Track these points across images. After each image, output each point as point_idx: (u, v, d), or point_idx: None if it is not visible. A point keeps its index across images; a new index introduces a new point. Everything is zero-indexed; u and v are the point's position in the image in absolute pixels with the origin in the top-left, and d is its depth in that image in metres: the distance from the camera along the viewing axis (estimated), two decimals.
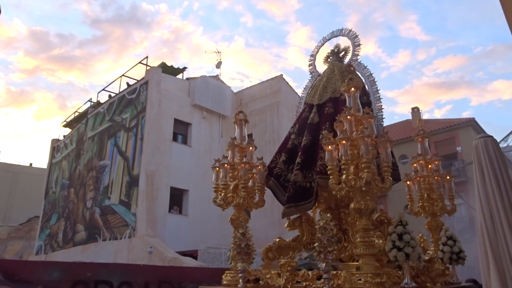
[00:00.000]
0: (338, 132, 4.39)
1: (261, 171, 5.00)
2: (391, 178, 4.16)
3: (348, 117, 4.33)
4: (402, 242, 3.89)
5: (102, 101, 21.51)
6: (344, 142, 4.19)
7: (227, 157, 4.98)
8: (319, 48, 5.99)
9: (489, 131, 22.62)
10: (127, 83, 19.94)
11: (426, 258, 4.51)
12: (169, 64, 20.16)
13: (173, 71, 20.24)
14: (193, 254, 15.46)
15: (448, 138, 23.62)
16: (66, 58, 65.39)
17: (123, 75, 20.02)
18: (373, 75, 5.43)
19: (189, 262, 13.91)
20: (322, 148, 4.59)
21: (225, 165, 4.88)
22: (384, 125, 5.22)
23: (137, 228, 17.08)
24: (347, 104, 4.53)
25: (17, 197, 27.73)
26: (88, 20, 67.59)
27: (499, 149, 2.64)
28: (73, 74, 69.24)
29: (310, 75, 5.95)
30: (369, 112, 4.41)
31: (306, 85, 5.97)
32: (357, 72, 5.53)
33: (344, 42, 5.94)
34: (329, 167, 4.28)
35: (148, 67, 18.99)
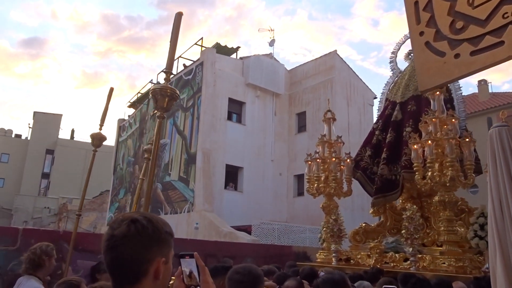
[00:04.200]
0: (422, 132, 5.11)
1: (349, 164, 5.85)
2: (474, 175, 4.88)
3: (433, 119, 5.03)
4: (484, 232, 4.64)
5: (162, 82, 22.87)
6: (429, 142, 4.92)
7: (318, 152, 5.85)
8: (401, 45, 6.58)
9: None
10: (184, 65, 21.09)
11: None
12: (223, 44, 21.01)
13: (227, 51, 21.08)
14: (247, 229, 16.61)
15: None
16: (135, 40, 68.50)
17: (180, 56, 21.12)
18: None
19: (243, 236, 15.00)
20: (406, 144, 5.34)
21: (317, 159, 5.75)
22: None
23: (195, 203, 18.59)
24: (431, 107, 5.21)
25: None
26: (155, 1, 69.58)
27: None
28: (142, 54, 72.35)
29: (392, 72, 6.59)
30: (453, 114, 5.08)
31: (387, 81, 6.63)
32: None
33: None
34: (415, 164, 5.05)
35: (203, 48, 19.96)
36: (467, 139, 4.85)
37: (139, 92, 24.80)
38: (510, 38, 1.31)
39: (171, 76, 21.26)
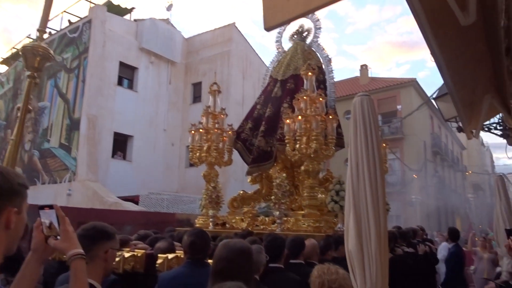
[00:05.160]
0: (295, 108, 5.75)
1: (230, 135, 6.30)
2: (333, 148, 5.67)
3: (305, 97, 5.68)
4: (339, 197, 5.48)
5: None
6: (300, 118, 5.56)
7: (202, 122, 6.18)
8: (286, 26, 7.13)
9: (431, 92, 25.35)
10: (69, 21, 19.41)
11: None
12: (115, 3, 19.81)
13: (120, 11, 19.93)
14: (134, 199, 16.45)
15: (391, 97, 25.99)
16: None
17: (64, 11, 19.38)
18: (329, 56, 6.79)
19: (129, 207, 14.85)
20: (282, 119, 5.95)
21: (200, 129, 6.09)
22: (335, 80, 6.69)
23: (78, 173, 17.74)
24: (304, 86, 5.87)
25: None
26: None
27: (373, 108, 2.95)
28: (22, 5, 62.70)
29: (277, 51, 7.15)
30: (321, 94, 5.79)
31: (272, 60, 7.18)
32: (317, 53, 6.85)
33: (308, 22, 7.13)
34: (286, 137, 5.69)
35: (92, 5, 18.61)
36: (330, 117, 5.60)
37: (13, 48, 22.23)
38: None
39: (54, 32, 19.47)
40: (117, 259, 3.32)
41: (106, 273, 1.90)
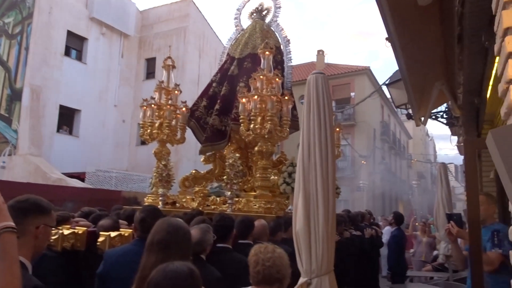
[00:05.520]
0: (251, 88, 5.68)
1: (184, 113, 6.13)
2: (288, 130, 5.68)
3: (261, 76, 5.61)
4: (291, 179, 5.52)
5: None
6: (255, 97, 5.50)
7: (154, 98, 5.96)
8: (246, 3, 6.99)
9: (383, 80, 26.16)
10: None
11: None
12: None
13: None
14: (80, 176, 15.86)
15: (345, 84, 26.65)
16: None
17: None
18: (288, 37, 6.74)
19: (74, 183, 14.29)
20: (238, 98, 5.86)
21: (152, 105, 5.87)
22: (292, 65, 6.68)
23: (19, 146, 16.80)
24: (261, 65, 5.79)
25: None
26: None
27: (327, 86, 2.88)
28: None
29: (235, 28, 6.99)
30: (278, 74, 5.74)
31: (230, 37, 7.02)
32: (275, 33, 6.77)
33: (268, 1, 7.02)
34: (241, 116, 5.61)
35: None
36: (286, 98, 5.58)
37: None
38: None
39: None
40: (55, 236, 3.16)
41: (37, 250, 1.76)
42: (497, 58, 2.72)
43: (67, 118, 18.37)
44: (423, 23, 3.03)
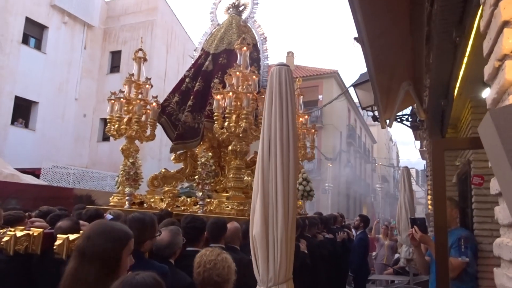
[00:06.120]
0: (227, 84, 5.51)
1: (154, 108, 5.86)
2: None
3: (237, 73, 5.45)
4: None
5: None
6: (230, 94, 5.33)
7: (124, 91, 5.66)
8: None
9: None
10: None
11: None
12: None
13: None
14: (35, 172, 15.11)
15: (313, 86, 26.90)
16: None
17: None
18: (265, 34, 6.61)
19: (28, 180, 13.59)
20: (212, 95, 5.67)
21: (121, 99, 5.57)
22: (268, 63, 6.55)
23: None
24: (237, 61, 5.63)
25: None
26: None
27: (291, 79, 2.73)
28: None
29: (211, 23, 6.79)
30: (255, 71, 5.61)
31: (205, 32, 6.80)
32: (252, 29, 6.63)
33: None
34: (215, 113, 5.43)
35: None
36: (262, 96, 5.45)
37: None
38: None
39: None
40: (6, 238, 2.88)
41: None
42: (466, 57, 2.69)
43: (23, 110, 17.42)
44: (392, 19, 2.97)
